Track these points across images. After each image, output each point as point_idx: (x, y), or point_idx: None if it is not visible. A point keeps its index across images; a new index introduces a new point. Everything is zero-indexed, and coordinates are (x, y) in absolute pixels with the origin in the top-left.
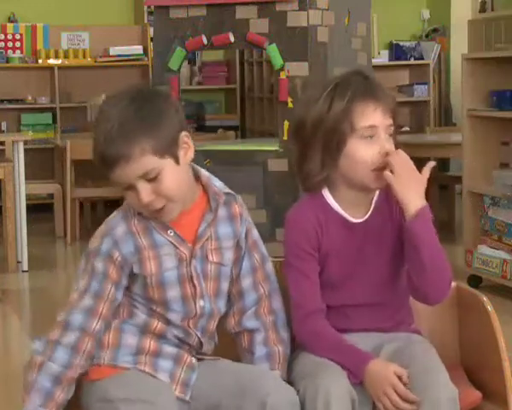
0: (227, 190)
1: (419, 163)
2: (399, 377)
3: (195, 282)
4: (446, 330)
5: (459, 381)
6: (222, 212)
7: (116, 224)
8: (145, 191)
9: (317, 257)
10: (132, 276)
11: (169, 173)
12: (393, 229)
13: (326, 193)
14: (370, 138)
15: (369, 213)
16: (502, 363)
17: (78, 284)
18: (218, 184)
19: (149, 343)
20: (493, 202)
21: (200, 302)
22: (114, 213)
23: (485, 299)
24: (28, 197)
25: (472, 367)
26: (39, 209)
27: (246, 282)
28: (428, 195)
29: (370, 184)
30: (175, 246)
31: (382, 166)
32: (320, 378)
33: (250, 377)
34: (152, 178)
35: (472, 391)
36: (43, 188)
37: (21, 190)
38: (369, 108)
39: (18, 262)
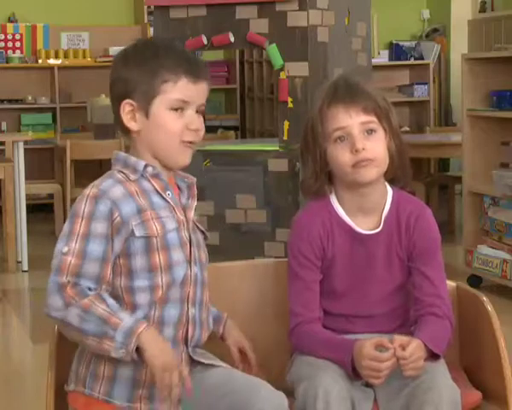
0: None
1: (419, 163)
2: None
3: (191, 247)
4: None
5: (459, 381)
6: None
7: (110, 186)
8: (199, 119)
9: (321, 266)
10: (129, 244)
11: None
12: (400, 245)
13: (333, 199)
14: (343, 140)
15: (380, 228)
16: (502, 363)
17: (69, 245)
18: None
19: (145, 373)
20: (493, 202)
21: (195, 269)
22: (101, 178)
23: (485, 299)
24: (28, 197)
25: (472, 367)
26: (39, 209)
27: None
28: (429, 195)
29: (357, 178)
30: (173, 208)
31: (361, 161)
32: (320, 379)
33: (240, 394)
34: (202, 112)
35: (472, 391)
36: (43, 188)
37: (21, 190)
38: (336, 111)
39: (18, 262)
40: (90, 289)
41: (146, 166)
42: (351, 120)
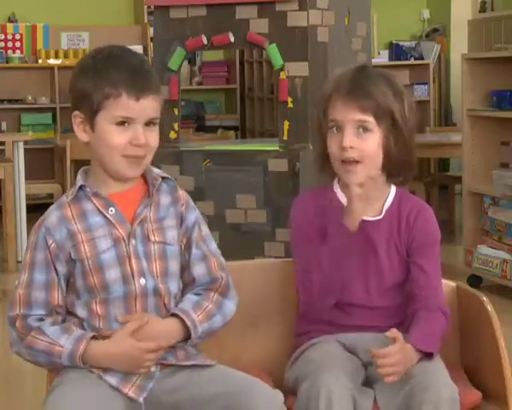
0: (164, 175)
1: (419, 163)
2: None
3: (133, 261)
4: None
5: (459, 381)
6: (165, 198)
7: (49, 213)
8: (143, 133)
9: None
10: (71, 266)
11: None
12: (399, 238)
13: (336, 185)
14: (338, 131)
15: (381, 216)
16: (502, 363)
17: (19, 278)
18: (155, 170)
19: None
20: (493, 202)
21: (141, 281)
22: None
23: (485, 299)
24: (28, 197)
25: (472, 367)
26: (39, 209)
27: (197, 270)
28: (429, 195)
29: (344, 177)
30: (113, 225)
31: (347, 160)
32: (322, 378)
33: (236, 392)
34: (154, 124)
35: (472, 391)
36: (43, 188)
37: (21, 190)
38: (335, 103)
39: (18, 262)
40: (41, 318)
41: (83, 186)
42: (346, 115)
